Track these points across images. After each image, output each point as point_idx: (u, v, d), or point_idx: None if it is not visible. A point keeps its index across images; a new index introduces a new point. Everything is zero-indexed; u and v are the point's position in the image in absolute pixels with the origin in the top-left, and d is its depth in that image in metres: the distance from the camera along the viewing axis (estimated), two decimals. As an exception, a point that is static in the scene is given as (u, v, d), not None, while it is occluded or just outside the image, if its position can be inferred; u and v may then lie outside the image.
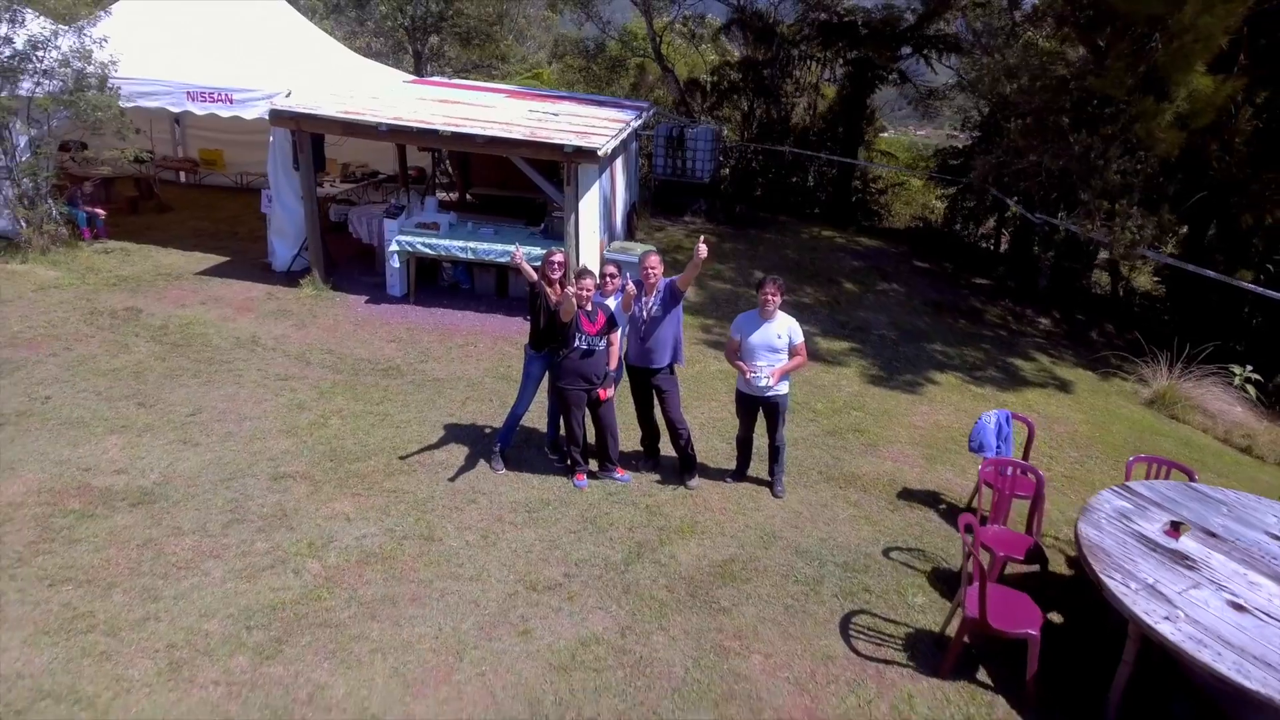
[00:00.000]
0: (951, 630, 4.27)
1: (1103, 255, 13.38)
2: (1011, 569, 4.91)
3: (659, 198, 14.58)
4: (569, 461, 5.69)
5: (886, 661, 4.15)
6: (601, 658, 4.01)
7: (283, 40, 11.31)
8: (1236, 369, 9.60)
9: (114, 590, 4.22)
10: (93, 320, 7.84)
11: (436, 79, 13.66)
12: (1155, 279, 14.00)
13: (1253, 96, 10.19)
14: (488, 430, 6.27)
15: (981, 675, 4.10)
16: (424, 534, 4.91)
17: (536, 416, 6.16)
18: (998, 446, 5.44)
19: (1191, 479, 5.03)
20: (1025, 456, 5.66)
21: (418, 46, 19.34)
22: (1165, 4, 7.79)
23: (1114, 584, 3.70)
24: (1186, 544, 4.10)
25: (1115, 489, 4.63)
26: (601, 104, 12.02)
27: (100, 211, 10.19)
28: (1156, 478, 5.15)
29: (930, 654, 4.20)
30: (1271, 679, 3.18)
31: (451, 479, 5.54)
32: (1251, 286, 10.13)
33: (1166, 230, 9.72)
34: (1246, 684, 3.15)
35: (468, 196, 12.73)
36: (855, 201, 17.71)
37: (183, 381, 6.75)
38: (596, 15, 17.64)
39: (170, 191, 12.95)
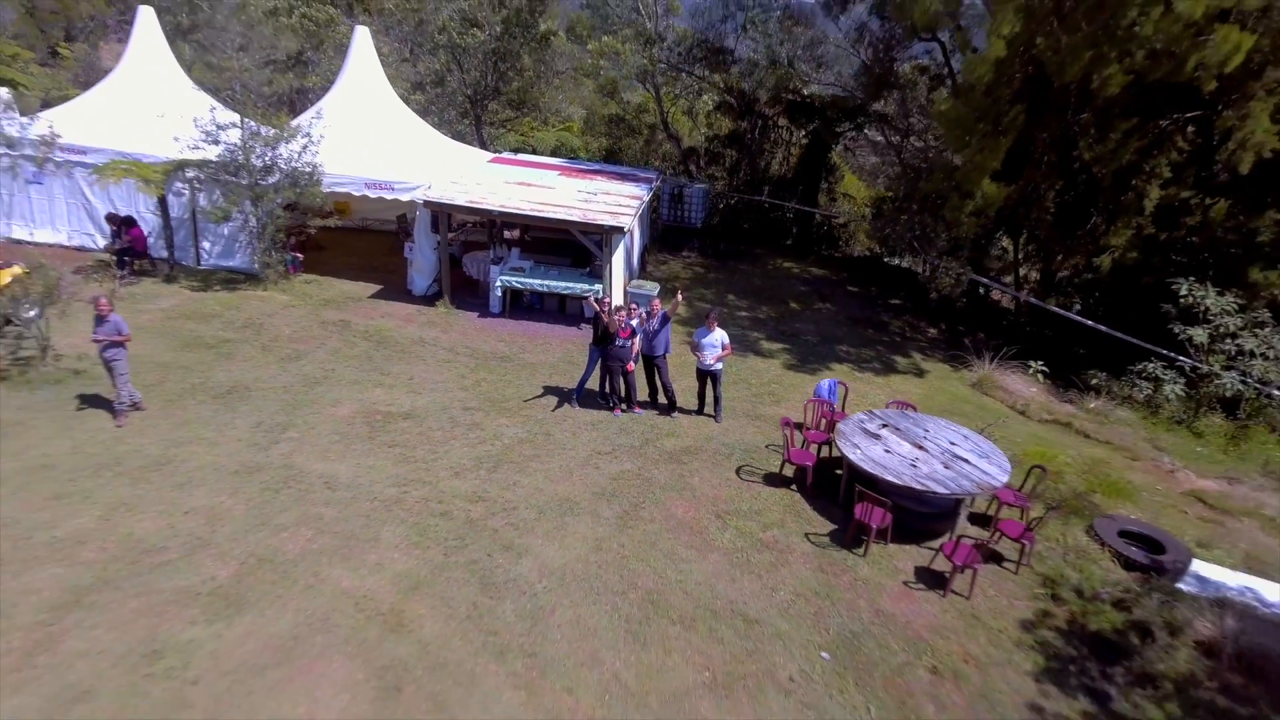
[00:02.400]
0: (785, 471, 9.61)
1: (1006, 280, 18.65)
2: (825, 454, 10.23)
3: (664, 238, 19.94)
4: (611, 404, 11.06)
5: (754, 482, 9.50)
6: (629, 478, 9.38)
7: (410, 135, 16.78)
8: (1032, 363, 14.83)
9: (416, 449, 9.62)
10: (324, 328, 13.28)
11: (507, 155, 19.05)
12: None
13: (1054, 184, 15.44)
14: (566, 388, 11.63)
15: (793, 488, 9.45)
16: (545, 433, 10.29)
17: (591, 383, 11.48)
18: (827, 396, 10.75)
19: (914, 410, 10.32)
20: (843, 403, 10.97)
21: (478, 111, 24.81)
22: (960, 144, 13.06)
23: (841, 442, 9.03)
24: (881, 431, 9.41)
25: (863, 412, 9.95)
26: (624, 178, 17.36)
27: (300, 255, 15.67)
28: (900, 409, 10.44)
29: (773, 480, 9.55)
30: (880, 472, 8.48)
31: (553, 410, 10.94)
32: (1057, 309, 15.40)
33: (995, 273, 14.96)
34: (872, 471, 8.46)
35: (526, 238, 18.10)
36: (822, 234, 22.91)
37: (394, 363, 12.17)
38: (619, 98, 23.06)
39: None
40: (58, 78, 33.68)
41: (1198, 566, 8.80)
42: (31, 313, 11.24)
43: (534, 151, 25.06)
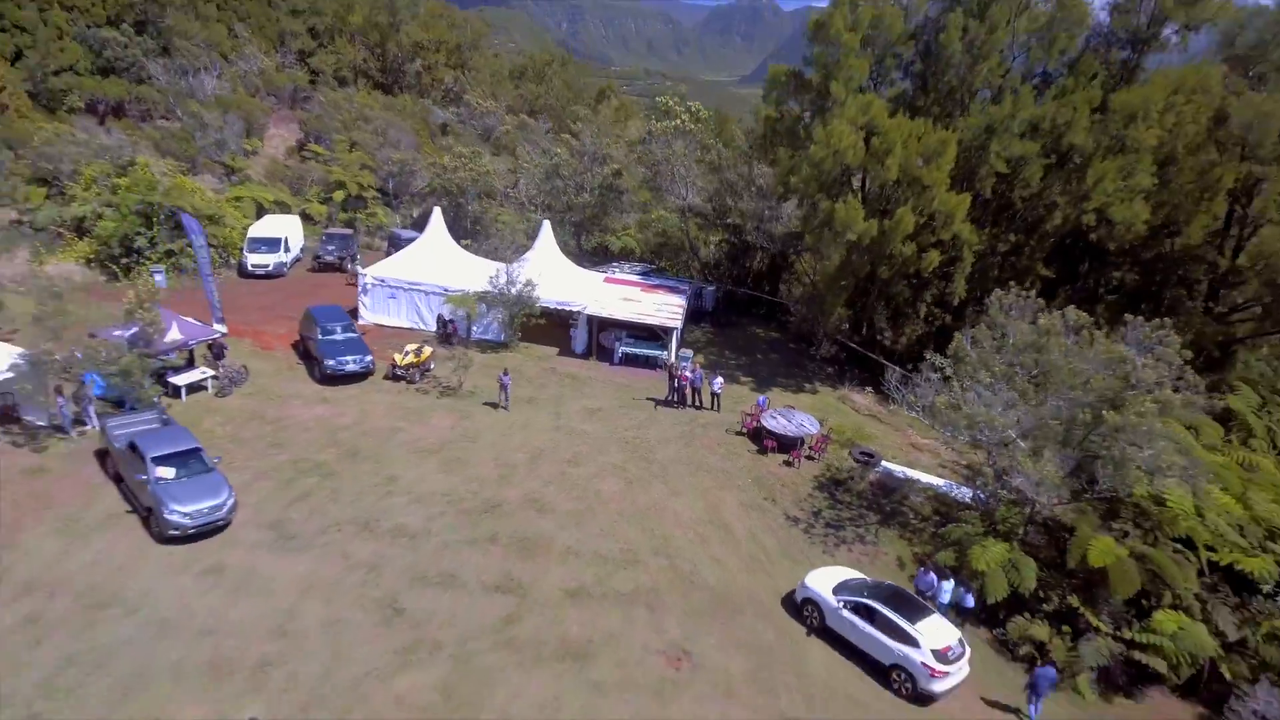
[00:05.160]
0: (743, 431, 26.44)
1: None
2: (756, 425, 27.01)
3: (691, 317, 36.75)
4: (678, 406, 27.90)
5: (731, 435, 26.37)
6: (687, 433, 26.26)
7: (568, 269, 33.72)
8: (868, 387, 31.51)
9: (608, 422, 26.48)
10: (545, 372, 30.13)
11: (608, 274, 35.81)
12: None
13: (884, 300, 32.24)
14: (658, 398, 28.41)
15: (747, 443, 26.30)
16: (649, 420, 27.18)
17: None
18: (761, 403, 27.54)
19: (794, 409, 27.04)
20: (769, 405, 27.72)
21: (579, 233, 41.69)
22: (828, 291, 29.69)
23: (763, 420, 25.85)
24: (777, 416, 26.16)
25: (773, 409, 26.70)
26: (673, 290, 34.14)
27: (520, 333, 32.49)
28: (786, 409, 27.17)
29: (739, 435, 26.39)
30: (774, 428, 25.27)
31: (655, 409, 27.81)
32: (885, 361, 32.20)
33: (865, 336, 31.87)
34: (772, 429, 25.23)
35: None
36: (780, 308, 39.55)
37: (583, 387, 29.03)
38: (658, 226, 39.96)
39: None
40: (278, 188, 50.41)
41: (886, 464, 25.59)
42: (430, 367, 28.38)
43: (607, 250, 42.21)
